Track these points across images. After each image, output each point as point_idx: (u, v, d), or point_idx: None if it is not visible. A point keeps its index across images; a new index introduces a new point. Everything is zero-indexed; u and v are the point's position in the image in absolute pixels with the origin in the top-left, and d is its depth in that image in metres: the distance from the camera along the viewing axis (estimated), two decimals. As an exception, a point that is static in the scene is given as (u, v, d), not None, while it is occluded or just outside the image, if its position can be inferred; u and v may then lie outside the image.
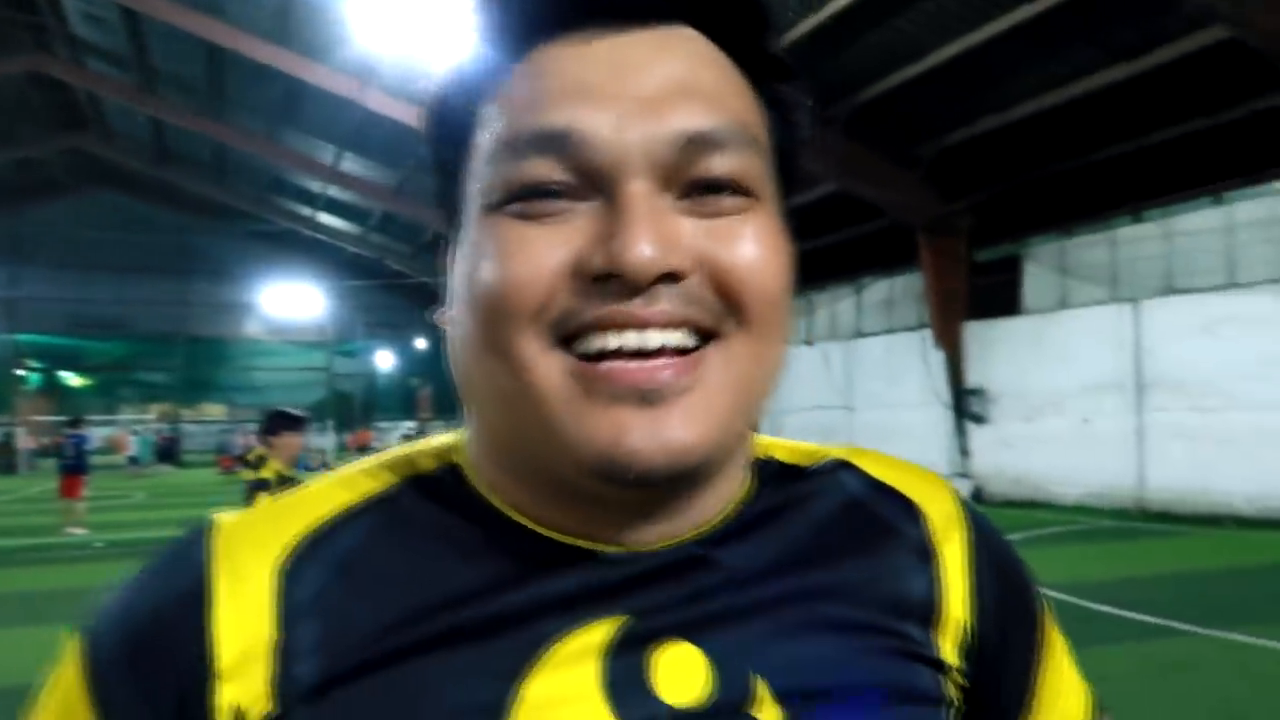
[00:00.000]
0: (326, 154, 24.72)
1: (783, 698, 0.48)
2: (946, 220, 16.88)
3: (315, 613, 0.47)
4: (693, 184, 0.46)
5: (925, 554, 0.56)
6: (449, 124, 0.51)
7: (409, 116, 20.11)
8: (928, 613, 0.54)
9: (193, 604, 0.47)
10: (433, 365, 36.31)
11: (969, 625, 0.56)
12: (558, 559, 0.49)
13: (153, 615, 0.48)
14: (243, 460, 4.89)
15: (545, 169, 0.45)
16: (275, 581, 0.48)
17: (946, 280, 17.45)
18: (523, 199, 0.45)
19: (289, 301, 35.41)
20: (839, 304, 22.42)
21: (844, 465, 0.59)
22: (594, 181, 0.45)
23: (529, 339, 0.45)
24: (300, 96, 21.07)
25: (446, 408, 39.96)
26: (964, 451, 18.23)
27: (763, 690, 0.48)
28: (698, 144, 0.45)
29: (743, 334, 0.47)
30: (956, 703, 0.55)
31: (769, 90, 0.50)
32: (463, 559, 0.49)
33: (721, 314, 0.46)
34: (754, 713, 0.47)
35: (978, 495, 17.61)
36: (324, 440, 33.28)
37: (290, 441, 4.97)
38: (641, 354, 0.44)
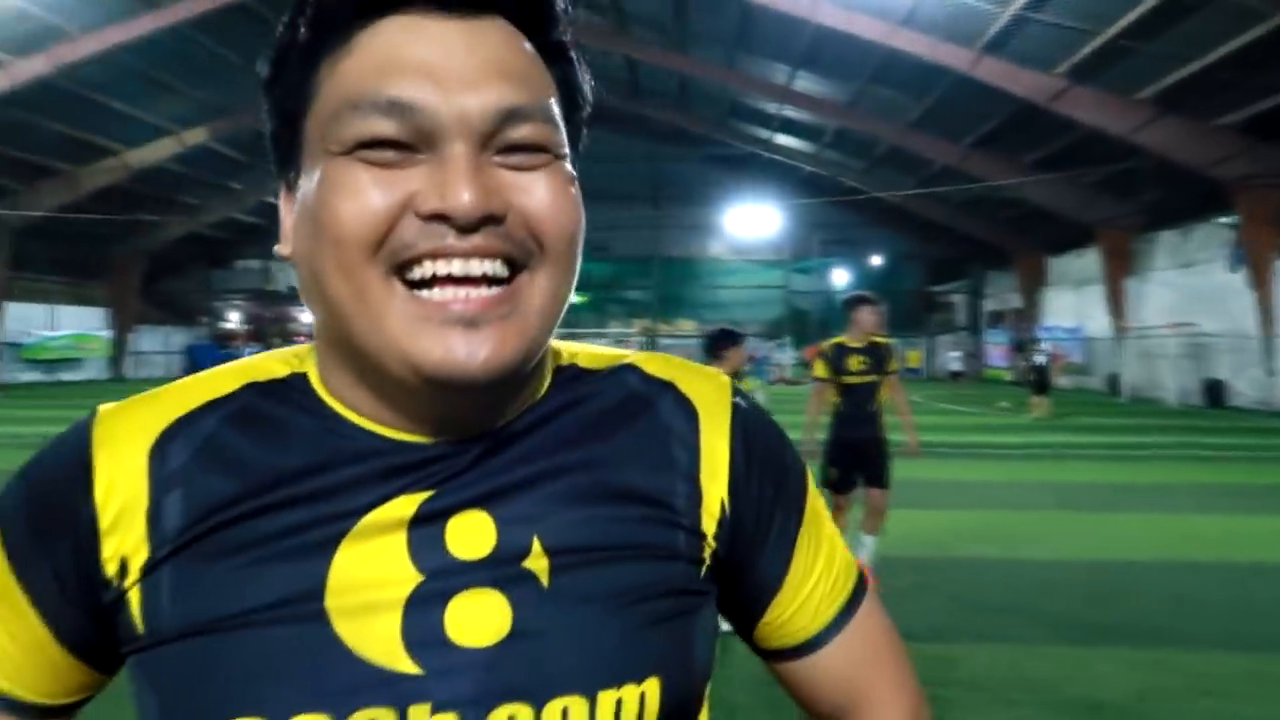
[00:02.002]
0: (780, 74, 25.18)
1: (552, 552, 0.60)
2: None
3: (179, 483, 0.59)
4: (505, 145, 0.57)
5: (692, 438, 0.67)
6: (291, 78, 0.60)
7: (861, 28, 19.70)
8: (690, 487, 0.65)
9: (79, 476, 0.59)
10: (887, 281, 35.83)
11: (725, 500, 0.67)
12: (378, 447, 0.60)
13: (47, 485, 0.60)
14: None
15: (387, 127, 0.55)
16: (147, 458, 0.59)
17: None
18: (366, 148, 0.55)
19: (749, 221, 37.06)
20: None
21: (628, 366, 0.70)
22: (427, 141, 0.55)
23: (369, 265, 0.55)
24: (753, 19, 21.59)
25: (897, 323, 39.38)
26: None
27: (537, 546, 0.60)
28: (509, 116, 0.56)
29: (545, 265, 0.58)
30: (703, 570, 0.65)
31: (558, 71, 0.62)
32: (298, 446, 0.60)
33: (529, 249, 0.57)
34: (526, 564, 0.59)
35: None
36: (782, 355, 34.72)
37: (735, 355, 5.45)
38: (465, 280, 0.56)
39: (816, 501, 0.74)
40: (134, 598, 0.58)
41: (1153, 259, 25.79)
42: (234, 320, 42.80)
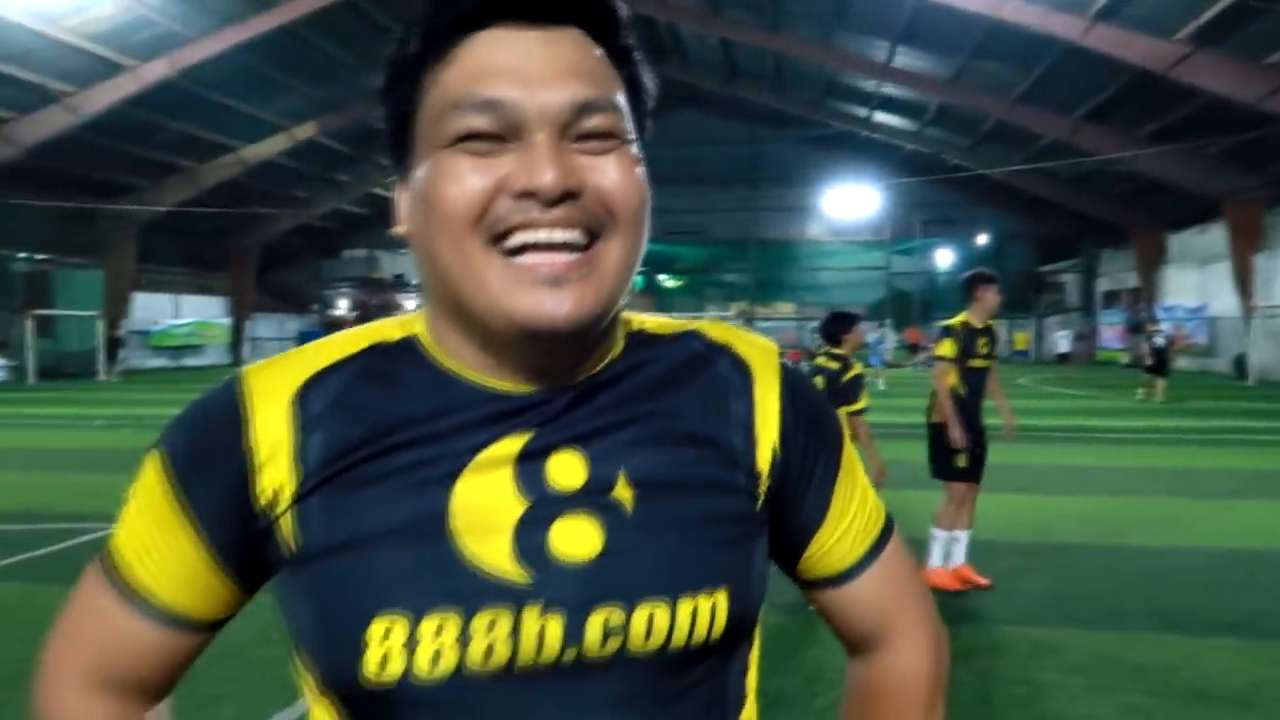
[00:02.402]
0: (879, 51, 24.57)
1: (635, 484, 0.71)
2: None
3: (317, 427, 0.70)
4: (580, 134, 0.67)
5: (747, 393, 0.78)
6: (403, 87, 0.70)
7: (964, 0, 19.06)
8: (746, 434, 0.77)
9: (233, 423, 0.70)
10: (993, 261, 34.65)
11: (776, 447, 0.78)
12: (485, 396, 0.71)
13: (205, 431, 0.72)
14: (815, 361, 5.57)
15: (482, 122, 0.65)
16: (290, 407, 0.71)
17: None
18: (466, 140, 0.66)
19: (848, 203, 36.37)
20: None
21: (691, 332, 0.81)
22: (515, 132, 0.66)
23: (472, 239, 0.66)
24: (850, -4, 21.11)
25: (1004, 305, 37.95)
26: None
27: (622, 480, 0.71)
28: (583, 108, 0.67)
29: (617, 234, 0.68)
30: (759, 504, 0.77)
31: (625, 70, 0.72)
32: (417, 396, 0.71)
33: (603, 220, 0.67)
34: (613, 495, 0.70)
35: None
36: (885, 340, 34.00)
37: (854, 336, 5.57)
38: (550, 247, 0.66)
39: (851, 454, 0.85)
40: (285, 523, 0.69)
41: (1284, 234, 24.26)
42: (342, 307, 44.39)
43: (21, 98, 21.88)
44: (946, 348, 5.41)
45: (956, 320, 5.47)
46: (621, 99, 0.70)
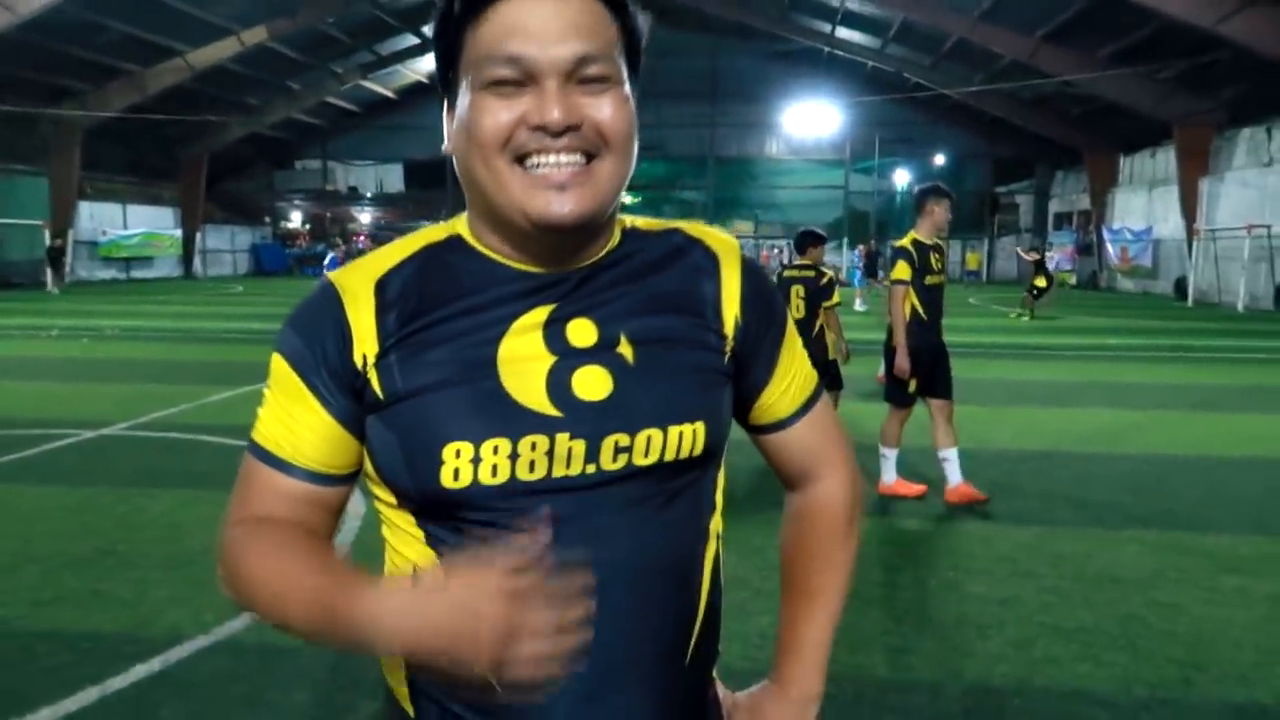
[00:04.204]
0: (844, -35, 24.28)
1: (634, 342, 0.93)
2: None
3: (392, 306, 0.92)
4: (582, 78, 0.87)
5: (715, 275, 1.00)
6: (449, 38, 0.90)
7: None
8: (715, 304, 0.99)
9: (335, 309, 0.93)
10: (950, 181, 34.71)
11: (738, 316, 1.00)
12: (517, 277, 0.94)
13: (313, 319, 0.94)
14: (786, 274, 6.47)
15: (508, 72, 0.86)
16: (372, 294, 0.93)
17: None
18: (495, 84, 0.86)
19: (808, 120, 36.15)
20: None
21: (673, 229, 1.03)
22: (532, 78, 0.86)
23: (501, 159, 0.87)
24: (817, -93, 20.71)
25: (959, 225, 38.24)
26: None
27: (624, 339, 0.93)
28: (583, 59, 0.86)
29: (610, 155, 0.89)
30: (726, 359, 0.99)
31: (620, 20, 0.90)
32: (467, 278, 0.94)
33: (599, 145, 0.88)
34: (618, 350, 0.93)
35: None
36: (839, 258, 34.28)
37: (815, 251, 6.53)
38: (558, 165, 0.86)
39: (792, 329, 1.08)
40: (373, 377, 0.90)
41: (1231, 158, 24.81)
42: (295, 220, 43.55)
43: (-46, -6, 20.89)
44: (901, 270, 5.36)
45: (906, 240, 5.47)
46: (617, 48, 0.88)
